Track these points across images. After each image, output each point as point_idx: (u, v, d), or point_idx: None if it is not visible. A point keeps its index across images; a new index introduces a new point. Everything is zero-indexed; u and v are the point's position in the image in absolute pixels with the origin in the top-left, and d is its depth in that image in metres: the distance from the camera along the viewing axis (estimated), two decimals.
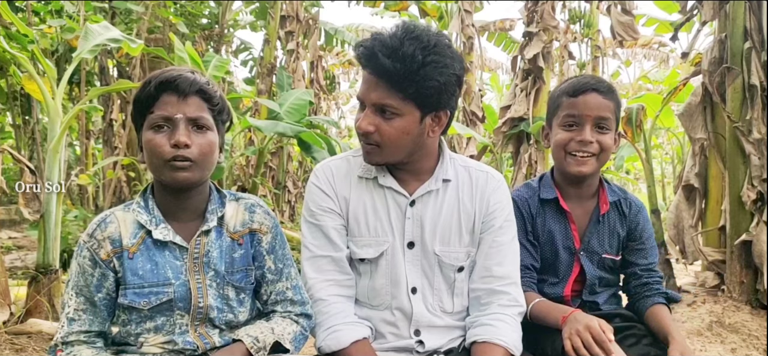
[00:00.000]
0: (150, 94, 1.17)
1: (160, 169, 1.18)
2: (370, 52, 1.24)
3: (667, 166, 13.57)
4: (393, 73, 1.21)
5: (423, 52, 1.21)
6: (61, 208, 3.22)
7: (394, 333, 1.37)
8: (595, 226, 1.57)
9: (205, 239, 1.25)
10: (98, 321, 1.22)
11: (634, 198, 1.63)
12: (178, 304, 1.22)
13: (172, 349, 1.22)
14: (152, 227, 1.21)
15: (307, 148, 4.50)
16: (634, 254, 1.61)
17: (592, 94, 1.47)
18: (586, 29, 8.67)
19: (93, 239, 1.21)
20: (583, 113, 1.47)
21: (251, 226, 1.30)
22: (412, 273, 1.36)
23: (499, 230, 1.38)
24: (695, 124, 3.61)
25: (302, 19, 8.45)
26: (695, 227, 3.66)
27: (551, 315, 1.44)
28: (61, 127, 3.13)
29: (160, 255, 1.22)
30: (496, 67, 12.98)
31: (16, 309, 3.10)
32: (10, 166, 8.85)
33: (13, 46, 3.45)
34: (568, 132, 1.49)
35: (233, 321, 1.27)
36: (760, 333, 3.00)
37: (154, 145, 1.16)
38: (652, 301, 1.55)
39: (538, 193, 1.58)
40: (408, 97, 1.24)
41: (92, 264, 1.21)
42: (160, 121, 1.16)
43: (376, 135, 1.28)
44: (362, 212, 1.36)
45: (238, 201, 1.32)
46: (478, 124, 7.42)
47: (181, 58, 4.20)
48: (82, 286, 1.21)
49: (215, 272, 1.25)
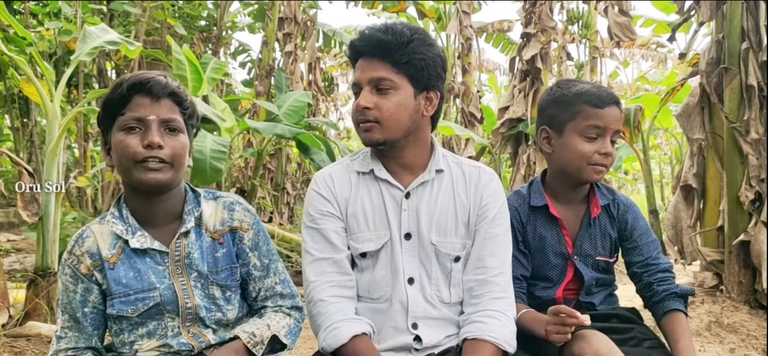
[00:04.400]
0: (122, 95, 1.16)
1: (130, 171, 1.16)
2: (363, 34, 1.36)
3: (665, 167, 13.59)
4: (386, 43, 1.32)
5: (409, 30, 1.35)
6: (60, 211, 3.22)
7: (392, 328, 1.38)
8: (587, 230, 1.57)
9: (185, 241, 1.25)
10: (84, 337, 1.23)
11: (622, 198, 1.62)
12: (166, 307, 1.22)
13: (167, 352, 1.23)
14: (129, 236, 1.21)
15: (305, 149, 4.50)
16: (628, 253, 1.60)
17: (614, 107, 1.49)
18: (584, 30, 8.68)
19: (72, 255, 1.22)
20: (609, 126, 1.47)
21: (232, 225, 1.30)
22: (410, 264, 1.38)
23: (493, 221, 1.41)
24: (693, 125, 3.62)
25: (300, 20, 8.45)
26: (693, 227, 3.67)
27: (536, 325, 1.45)
28: (60, 130, 3.13)
29: (142, 262, 1.22)
30: (494, 68, 12.99)
31: (15, 311, 3.10)
32: (9, 168, 8.84)
33: (11, 48, 3.45)
34: (592, 143, 1.48)
35: (223, 320, 1.28)
36: (759, 333, 3.00)
37: (125, 145, 1.15)
38: (664, 307, 1.49)
39: (528, 201, 1.58)
40: (401, 69, 1.33)
41: (74, 280, 1.21)
42: (132, 122, 1.16)
43: (374, 110, 1.33)
44: (361, 208, 1.39)
45: (216, 200, 1.31)
46: (476, 125, 7.43)
47: (179, 60, 4.20)
48: (66, 304, 1.22)
49: (198, 273, 1.25)
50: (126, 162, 1.16)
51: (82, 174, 7.04)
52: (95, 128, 9.38)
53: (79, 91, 7.04)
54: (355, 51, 1.38)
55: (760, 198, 3.23)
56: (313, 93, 8.58)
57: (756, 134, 3.22)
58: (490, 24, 9.10)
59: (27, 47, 3.52)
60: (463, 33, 7.42)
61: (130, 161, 1.15)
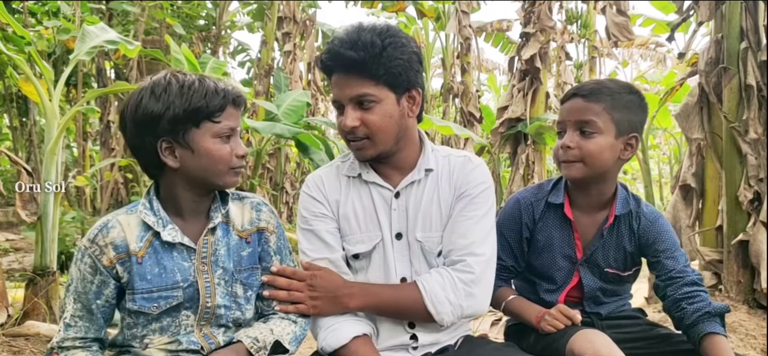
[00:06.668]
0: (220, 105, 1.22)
1: (221, 175, 1.24)
2: (332, 52, 1.30)
3: (664, 166, 13.60)
4: (359, 61, 1.27)
5: (380, 37, 1.28)
6: (59, 210, 3.22)
7: (389, 328, 1.38)
8: (600, 239, 1.53)
9: (212, 237, 1.26)
10: (94, 328, 1.22)
11: (648, 211, 1.53)
12: (185, 305, 1.22)
13: (176, 350, 1.22)
14: (160, 228, 1.21)
15: (304, 149, 4.49)
16: (653, 267, 1.54)
17: (574, 99, 1.46)
18: (583, 30, 8.68)
19: (95, 245, 1.20)
20: (566, 119, 1.47)
21: (259, 225, 1.32)
22: (401, 264, 1.38)
23: (470, 205, 1.36)
24: (692, 125, 3.62)
25: (299, 20, 8.45)
26: (692, 227, 3.67)
27: (526, 313, 1.51)
28: (58, 129, 3.12)
29: (168, 258, 1.22)
30: (493, 67, 13.00)
31: (14, 311, 3.09)
32: (8, 167, 8.83)
33: (9, 47, 3.44)
34: (559, 139, 1.49)
35: (241, 319, 1.28)
36: (758, 332, 3.00)
37: (223, 153, 1.22)
38: (701, 331, 1.38)
39: (547, 197, 1.56)
40: (380, 81, 1.29)
41: (93, 271, 1.20)
42: (228, 131, 1.23)
43: (362, 128, 1.31)
44: (352, 210, 1.39)
45: (243, 201, 1.34)
46: (475, 125, 7.43)
47: (178, 60, 4.19)
48: (80, 292, 1.21)
49: (223, 270, 1.26)
50: (221, 167, 1.23)
51: (80, 173, 7.04)
52: (94, 128, 9.37)
53: (78, 90, 7.04)
54: (326, 67, 1.33)
55: (758, 197, 3.24)
56: (312, 92, 8.59)
57: (755, 134, 3.22)
58: (489, 23, 9.10)
59: (26, 46, 3.52)
60: (462, 32, 7.42)
61: (225, 167, 1.23)
